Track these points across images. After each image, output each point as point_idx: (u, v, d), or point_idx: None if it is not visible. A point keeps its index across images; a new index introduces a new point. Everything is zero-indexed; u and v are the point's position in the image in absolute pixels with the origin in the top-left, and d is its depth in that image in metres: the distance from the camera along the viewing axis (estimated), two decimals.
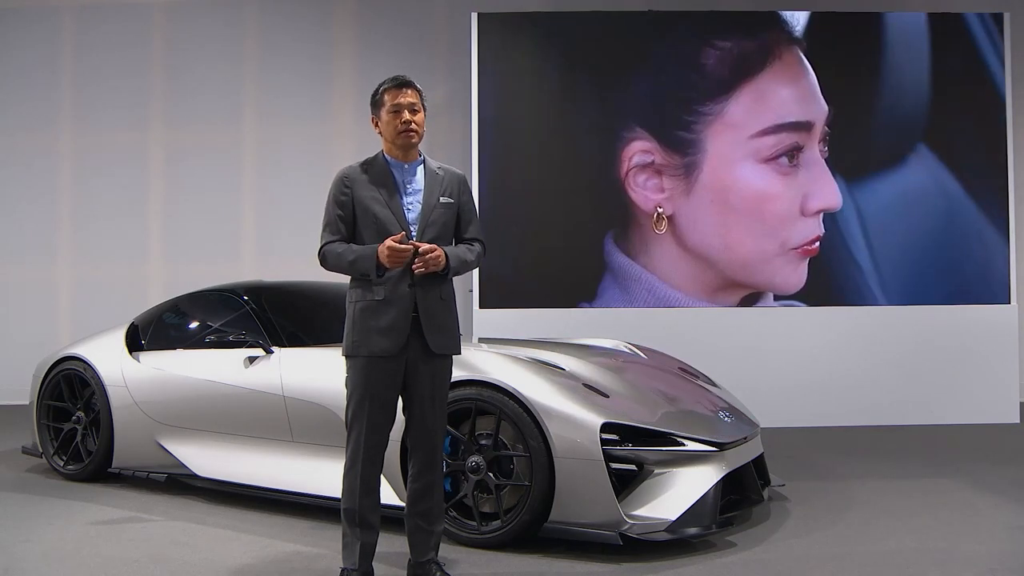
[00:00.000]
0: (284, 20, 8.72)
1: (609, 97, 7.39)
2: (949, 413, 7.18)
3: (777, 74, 7.33)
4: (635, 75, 7.40)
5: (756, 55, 7.32)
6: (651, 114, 7.33)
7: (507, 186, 7.38)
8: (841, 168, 7.30)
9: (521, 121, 7.46)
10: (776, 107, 7.28)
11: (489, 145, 7.40)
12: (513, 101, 7.45)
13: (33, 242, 8.76)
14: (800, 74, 7.35)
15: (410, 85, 3.23)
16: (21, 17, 8.76)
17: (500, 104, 7.40)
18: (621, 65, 7.41)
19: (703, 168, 7.26)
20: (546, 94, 7.49)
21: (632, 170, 7.32)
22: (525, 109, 7.46)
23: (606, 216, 7.35)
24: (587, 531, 3.58)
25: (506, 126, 7.42)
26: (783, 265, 7.26)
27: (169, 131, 8.74)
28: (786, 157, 7.23)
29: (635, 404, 3.90)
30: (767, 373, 7.11)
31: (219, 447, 4.60)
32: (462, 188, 3.33)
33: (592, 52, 7.44)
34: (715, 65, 7.32)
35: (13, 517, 4.33)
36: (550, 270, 7.36)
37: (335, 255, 3.17)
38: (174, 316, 5.24)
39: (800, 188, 7.23)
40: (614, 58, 7.42)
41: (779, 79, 7.33)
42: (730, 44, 7.32)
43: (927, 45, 7.40)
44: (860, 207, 7.33)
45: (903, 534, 3.96)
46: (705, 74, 7.32)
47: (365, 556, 3.16)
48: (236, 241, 8.67)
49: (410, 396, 3.20)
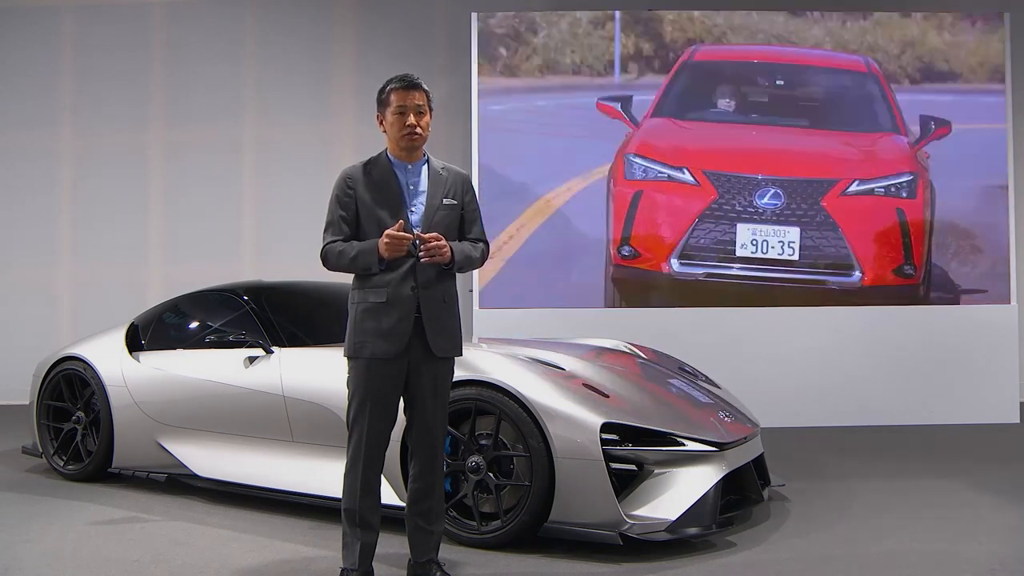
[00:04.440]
0: (284, 20, 8.72)
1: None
2: (949, 413, 7.17)
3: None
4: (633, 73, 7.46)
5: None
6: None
7: (507, 186, 7.39)
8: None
9: (521, 121, 7.47)
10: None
11: (489, 145, 7.42)
12: (513, 101, 7.46)
13: (33, 242, 8.75)
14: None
15: (418, 87, 3.19)
16: (21, 17, 8.75)
17: (500, 104, 7.42)
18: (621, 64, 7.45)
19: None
20: (546, 93, 7.50)
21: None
22: (525, 109, 7.47)
23: (606, 216, 7.36)
24: (587, 531, 3.58)
25: (506, 126, 7.44)
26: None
27: (169, 131, 8.73)
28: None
29: (635, 404, 3.90)
30: (767, 373, 7.11)
31: (219, 447, 4.60)
32: (466, 188, 3.32)
33: (591, 51, 7.47)
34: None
35: (13, 517, 4.33)
36: (550, 270, 7.36)
37: (336, 254, 3.16)
38: (174, 316, 5.24)
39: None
40: (612, 57, 7.45)
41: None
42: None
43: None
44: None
45: (903, 534, 3.96)
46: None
47: (365, 556, 3.16)
48: (236, 241, 8.67)
49: (411, 397, 3.19)
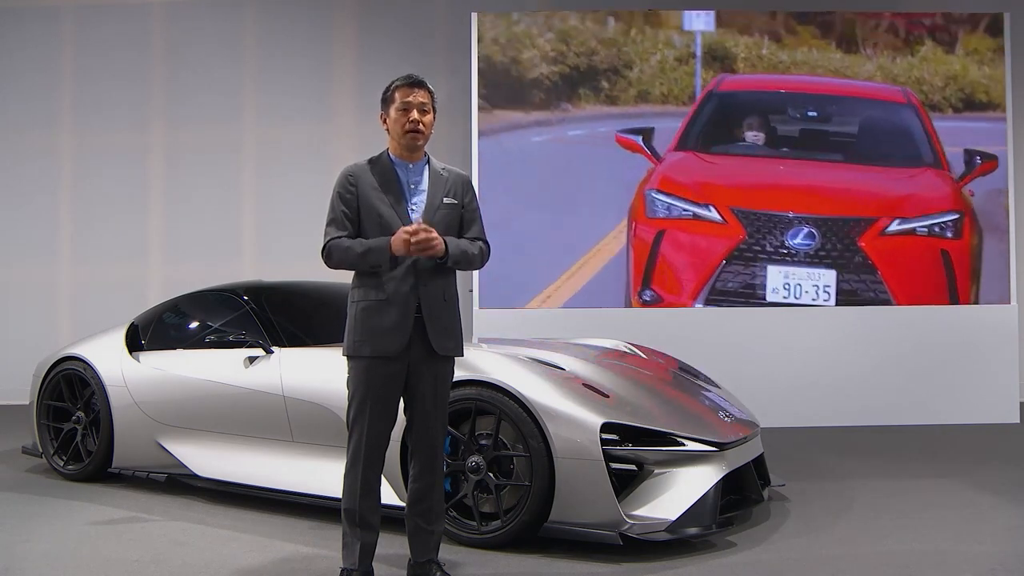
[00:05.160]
0: (284, 20, 8.73)
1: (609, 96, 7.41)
2: (949, 413, 7.17)
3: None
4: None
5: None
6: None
7: (507, 186, 7.38)
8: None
9: (521, 121, 7.46)
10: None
11: (489, 145, 7.41)
12: (513, 101, 7.45)
13: (33, 242, 8.76)
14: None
15: (422, 85, 3.21)
16: (21, 17, 8.76)
17: (500, 103, 7.40)
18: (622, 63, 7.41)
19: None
20: (545, 93, 7.49)
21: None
22: (525, 109, 7.46)
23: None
24: (587, 531, 3.58)
25: (506, 126, 7.43)
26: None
27: (169, 131, 8.74)
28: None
29: (635, 404, 3.90)
30: (767, 373, 7.10)
31: (219, 447, 4.60)
32: (466, 189, 3.32)
33: (592, 51, 7.45)
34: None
35: (13, 517, 4.33)
36: (550, 270, 7.35)
37: (342, 250, 3.15)
38: (174, 316, 5.24)
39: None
40: (614, 57, 7.43)
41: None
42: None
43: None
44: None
45: (903, 534, 3.96)
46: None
47: (365, 556, 3.16)
48: (236, 241, 8.67)
49: (412, 397, 3.19)
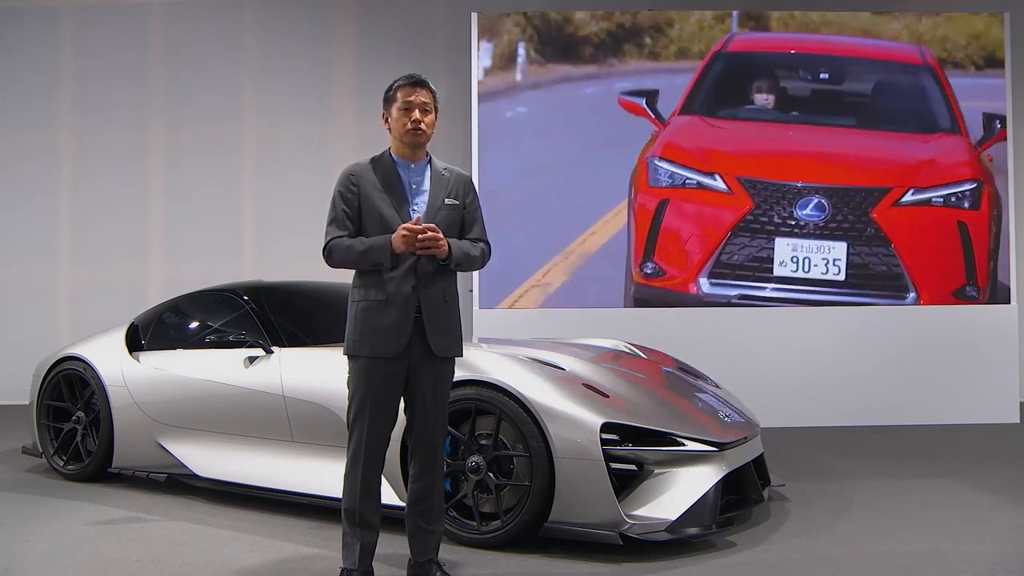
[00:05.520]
0: (284, 20, 8.73)
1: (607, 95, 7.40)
2: (949, 413, 7.17)
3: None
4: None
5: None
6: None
7: (507, 186, 7.38)
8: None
9: (521, 121, 7.47)
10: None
11: (489, 145, 7.41)
12: (513, 102, 7.45)
13: (33, 242, 8.76)
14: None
15: (424, 85, 3.21)
16: (21, 17, 8.76)
17: (500, 105, 7.41)
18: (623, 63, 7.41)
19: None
20: (546, 93, 7.49)
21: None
22: (525, 109, 7.47)
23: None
24: (587, 531, 3.58)
25: (506, 126, 7.43)
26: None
27: (169, 131, 8.74)
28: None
29: (635, 404, 3.90)
30: (767, 373, 7.09)
31: (219, 447, 4.60)
32: (467, 189, 3.33)
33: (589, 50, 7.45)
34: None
35: (13, 517, 4.33)
36: (550, 270, 7.35)
37: (343, 248, 3.15)
38: (174, 316, 5.24)
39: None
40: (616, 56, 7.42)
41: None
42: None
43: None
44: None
45: (903, 534, 3.96)
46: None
47: (365, 556, 3.16)
48: (236, 241, 8.67)
49: (412, 397, 3.19)
